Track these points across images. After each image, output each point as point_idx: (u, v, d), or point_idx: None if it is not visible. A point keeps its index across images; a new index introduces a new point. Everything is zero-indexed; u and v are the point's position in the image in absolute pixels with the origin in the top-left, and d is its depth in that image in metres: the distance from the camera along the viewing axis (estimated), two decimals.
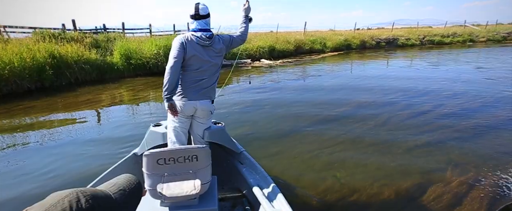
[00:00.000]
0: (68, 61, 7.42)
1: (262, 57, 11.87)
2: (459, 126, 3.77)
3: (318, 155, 3.01)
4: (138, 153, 2.04)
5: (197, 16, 1.79)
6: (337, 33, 19.25)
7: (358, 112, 4.47)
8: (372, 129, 3.73)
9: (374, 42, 18.59)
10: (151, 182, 1.44)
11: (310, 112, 4.56)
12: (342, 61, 12.26)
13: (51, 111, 5.03)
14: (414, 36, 20.21)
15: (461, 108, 4.55)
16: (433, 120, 4.04)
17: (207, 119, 1.95)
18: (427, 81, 6.88)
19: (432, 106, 4.72)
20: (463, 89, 5.92)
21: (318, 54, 14.66)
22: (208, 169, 1.52)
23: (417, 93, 5.69)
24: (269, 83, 7.17)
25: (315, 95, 5.73)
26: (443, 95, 5.50)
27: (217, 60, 1.87)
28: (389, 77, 7.65)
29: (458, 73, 8.08)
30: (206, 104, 1.85)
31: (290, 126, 3.92)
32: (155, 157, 1.42)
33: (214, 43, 1.83)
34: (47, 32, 8.36)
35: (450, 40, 20.36)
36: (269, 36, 14.78)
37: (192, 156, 1.46)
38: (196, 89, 1.82)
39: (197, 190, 1.39)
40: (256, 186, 1.76)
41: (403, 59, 12.35)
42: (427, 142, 3.29)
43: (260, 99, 5.53)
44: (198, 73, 1.81)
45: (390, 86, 6.33)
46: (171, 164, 1.44)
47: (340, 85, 6.69)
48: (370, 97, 5.34)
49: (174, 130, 1.88)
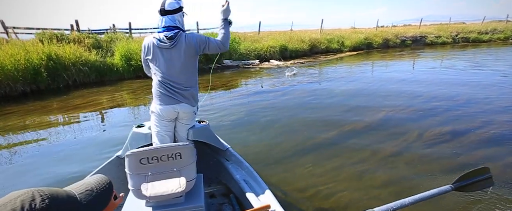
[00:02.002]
0: (66, 63, 7.20)
1: (272, 58, 11.09)
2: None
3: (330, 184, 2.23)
4: (121, 155, 1.98)
5: (162, 12, 1.66)
6: (357, 31, 17.88)
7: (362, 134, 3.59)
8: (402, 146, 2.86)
9: (399, 41, 17.01)
10: (135, 183, 1.41)
11: (312, 126, 3.75)
12: (361, 61, 11.11)
13: (44, 114, 4.85)
14: (445, 33, 18.24)
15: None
16: (488, 140, 3.07)
17: (191, 120, 1.89)
18: (470, 87, 5.70)
19: (482, 121, 3.70)
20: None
21: (335, 54, 13.56)
22: (192, 166, 1.50)
23: (459, 101, 4.63)
24: (268, 88, 6.40)
25: (321, 105, 4.88)
26: (497, 104, 4.41)
27: (186, 61, 1.72)
28: (418, 80, 6.53)
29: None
30: (186, 107, 1.78)
31: (288, 144, 3.16)
32: (138, 156, 1.39)
33: (179, 43, 1.67)
34: (50, 33, 8.25)
35: (489, 37, 18.11)
36: (282, 35, 13.94)
37: (175, 154, 1.43)
38: (171, 93, 1.73)
39: (182, 188, 1.36)
40: (242, 182, 1.78)
41: (433, 58, 10.92)
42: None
43: (251, 108, 4.80)
44: (168, 76, 1.72)
45: (421, 93, 5.29)
46: (155, 163, 1.42)
47: (354, 91, 5.75)
48: (394, 106, 4.40)
49: (158, 134, 1.83)
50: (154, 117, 1.82)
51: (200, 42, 1.71)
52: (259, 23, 14.43)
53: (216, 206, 1.94)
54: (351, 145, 3.12)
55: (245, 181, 1.79)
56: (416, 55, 12.42)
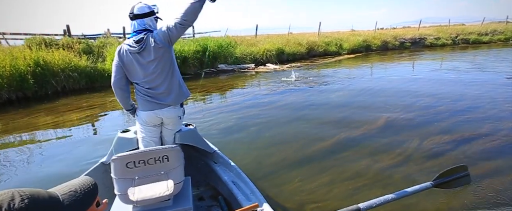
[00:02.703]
0: (55, 69, 7.00)
1: (269, 62, 10.88)
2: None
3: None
4: (106, 161, 1.93)
5: (131, 16, 1.62)
6: (356, 33, 17.71)
7: (364, 140, 3.35)
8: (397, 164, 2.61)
9: (398, 43, 16.80)
10: (121, 187, 1.38)
11: (302, 138, 3.51)
12: (360, 64, 10.89)
13: (29, 122, 4.67)
14: (445, 34, 18.04)
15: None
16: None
17: (177, 125, 1.84)
18: (475, 90, 5.44)
19: (489, 127, 3.46)
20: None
21: (333, 57, 13.35)
22: (180, 169, 1.48)
23: (464, 105, 4.38)
24: (262, 94, 6.16)
25: (313, 112, 4.64)
26: (505, 108, 4.17)
27: (160, 62, 1.63)
28: (419, 84, 6.29)
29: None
30: (170, 111, 1.73)
31: (276, 158, 2.92)
32: (124, 160, 1.37)
33: (147, 45, 1.60)
34: (39, 38, 8.07)
35: (489, 38, 17.89)
36: (280, 38, 13.76)
37: (162, 156, 1.41)
38: (153, 98, 1.68)
39: (170, 191, 1.34)
40: (231, 183, 1.79)
41: (433, 60, 10.67)
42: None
43: (241, 115, 4.56)
44: (146, 82, 1.67)
45: (423, 97, 5.05)
46: (142, 166, 1.40)
47: (351, 96, 5.51)
48: (393, 113, 4.16)
49: (143, 140, 1.80)
50: (138, 123, 1.79)
51: (163, 35, 1.59)
52: (256, 26, 14.27)
53: (205, 208, 1.93)
54: (346, 157, 2.87)
55: (233, 183, 1.79)
56: (416, 57, 12.20)
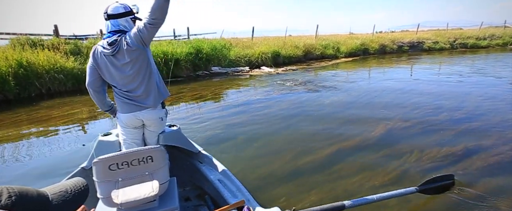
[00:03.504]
0: (39, 70, 6.72)
1: (264, 64, 10.64)
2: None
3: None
4: (86, 166, 1.88)
5: (105, 16, 1.58)
6: (353, 36, 17.55)
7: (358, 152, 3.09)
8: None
9: (396, 46, 16.65)
10: (104, 190, 1.32)
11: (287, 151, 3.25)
12: (357, 68, 10.68)
13: (8, 125, 4.45)
14: (443, 39, 17.92)
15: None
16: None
17: (159, 127, 1.80)
18: (477, 96, 5.23)
19: (496, 137, 3.22)
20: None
21: (330, 60, 13.14)
22: (165, 169, 1.45)
23: (467, 113, 4.15)
24: (255, 98, 5.90)
25: (305, 120, 4.38)
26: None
27: (135, 64, 1.59)
28: (419, 89, 6.07)
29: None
30: (150, 113, 1.70)
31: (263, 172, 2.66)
32: (106, 163, 1.32)
33: (120, 47, 1.55)
34: (25, 38, 7.78)
35: (487, 43, 17.79)
36: (276, 41, 13.55)
37: (146, 157, 1.38)
38: (132, 100, 1.65)
39: (155, 191, 1.28)
40: (217, 182, 1.79)
41: (432, 65, 10.48)
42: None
43: (231, 121, 4.30)
44: (123, 84, 1.63)
45: (423, 103, 4.81)
46: (125, 168, 1.36)
47: (347, 102, 5.27)
48: (391, 120, 3.91)
49: (124, 142, 1.78)
50: (119, 125, 1.76)
51: (135, 36, 1.52)
52: (252, 29, 14.05)
53: (192, 208, 1.93)
54: (339, 172, 2.61)
55: (219, 181, 1.79)
56: (414, 61, 12.02)
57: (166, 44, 9.05)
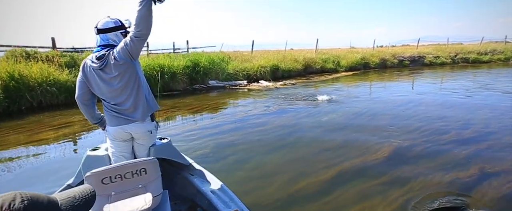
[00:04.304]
0: (30, 83, 6.57)
1: (263, 78, 10.49)
2: None
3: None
4: (73, 183, 1.79)
5: (95, 31, 1.59)
6: (354, 51, 17.54)
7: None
8: None
9: (396, 61, 16.57)
10: (97, 205, 1.25)
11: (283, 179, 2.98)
12: (357, 82, 10.49)
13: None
14: (444, 53, 17.87)
15: None
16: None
17: (148, 140, 1.76)
18: (486, 112, 4.97)
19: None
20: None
21: (330, 74, 12.99)
22: (158, 181, 1.47)
23: (478, 131, 3.88)
24: (250, 114, 5.67)
25: (302, 138, 4.13)
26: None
27: (123, 79, 1.57)
28: (424, 105, 5.81)
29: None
30: (138, 126, 1.67)
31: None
32: (99, 176, 1.32)
33: (108, 62, 1.53)
34: (21, 50, 7.72)
35: (489, 58, 17.69)
36: (276, 54, 13.50)
37: (140, 169, 1.39)
38: (119, 114, 1.64)
39: (148, 204, 1.28)
40: (209, 193, 1.76)
41: (434, 79, 10.26)
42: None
43: (222, 140, 4.05)
44: (111, 98, 1.62)
45: (430, 120, 4.55)
46: (118, 181, 1.35)
47: (347, 119, 5.02)
48: (395, 139, 3.64)
49: (113, 156, 1.75)
50: (108, 138, 1.75)
51: (122, 50, 1.51)
52: (252, 42, 14.06)
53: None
54: (338, 199, 2.33)
55: (211, 192, 1.76)
56: (416, 76, 11.84)
57: (163, 57, 8.96)
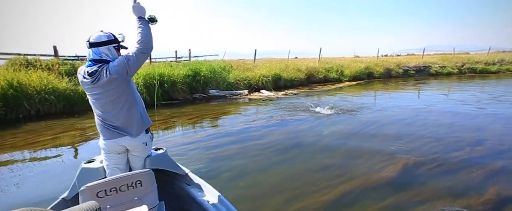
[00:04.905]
0: (29, 91, 6.52)
1: (264, 88, 10.33)
2: None
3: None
4: (67, 197, 1.72)
5: (87, 44, 1.57)
6: (357, 60, 17.36)
7: None
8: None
9: (401, 70, 16.31)
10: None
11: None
12: (361, 92, 10.25)
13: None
14: (450, 63, 17.55)
15: None
16: None
17: (143, 152, 1.75)
18: (502, 125, 4.70)
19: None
20: None
21: (333, 84, 12.79)
22: (154, 193, 1.47)
23: (494, 147, 3.62)
24: (249, 125, 5.47)
25: (302, 152, 3.90)
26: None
27: (115, 95, 1.57)
28: (433, 117, 5.55)
29: None
30: (131, 140, 1.66)
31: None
32: (94, 190, 1.31)
33: (100, 79, 1.52)
34: (23, 58, 7.73)
35: (497, 68, 17.31)
36: (278, 64, 13.39)
37: (136, 182, 1.39)
38: (111, 128, 1.63)
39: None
40: (206, 203, 1.75)
41: (441, 90, 9.97)
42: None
43: (217, 154, 3.84)
44: (102, 112, 1.62)
45: (442, 134, 4.30)
46: (114, 194, 1.35)
47: (350, 132, 4.78)
48: (404, 156, 3.40)
49: (108, 168, 1.74)
50: (102, 150, 1.74)
51: (121, 67, 1.53)
52: (255, 51, 14.01)
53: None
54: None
55: (208, 202, 1.75)
56: (422, 86, 11.55)
57: (164, 66, 8.90)
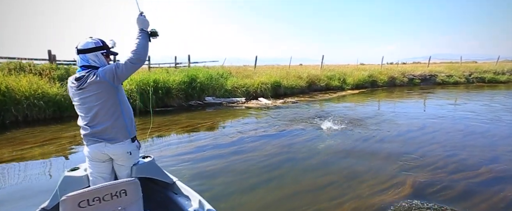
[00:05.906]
0: (17, 96, 6.33)
1: (263, 95, 10.02)
2: None
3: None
4: (47, 207, 1.65)
5: (76, 51, 1.60)
6: (361, 68, 17.00)
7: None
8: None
9: (406, 79, 15.88)
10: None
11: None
12: (364, 101, 9.86)
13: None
14: (457, 72, 17.05)
15: None
16: None
17: (128, 161, 1.70)
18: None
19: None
20: None
21: (335, 92, 12.42)
22: (139, 203, 1.42)
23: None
24: (242, 136, 5.14)
25: (292, 169, 3.55)
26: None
27: (102, 102, 1.57)
28: (443, 131, 5.15)
29: None
30: (115, 148, 1.62)
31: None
32: (76, 200, 1.25)
33: (87, 84, 1.54)
34: (16, 63, 7.59)
35: (507, 77, 16.75)
36: (279, 71, 13.12)
37: (120, 191, 1.34)
38: (95, 135, 1.61)
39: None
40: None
41: (448, 100, 9.50)
42: None
43: (204, 169, 3.51)
44: (88, 119, 1.61)
45: (452, 150, 3.90)
46: (97, 204, 1.30)
47: (351, 146, 4.42)
48: (410, 177, 3.02)
49: (91, 176, 1.70)
50: (86, 158, 1.68)
51: (108, 73, 1.52)
52: (255, 58, 13.78)
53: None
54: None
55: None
56: (429, 96, 11.10)
57: (160, 72, 8.69)
